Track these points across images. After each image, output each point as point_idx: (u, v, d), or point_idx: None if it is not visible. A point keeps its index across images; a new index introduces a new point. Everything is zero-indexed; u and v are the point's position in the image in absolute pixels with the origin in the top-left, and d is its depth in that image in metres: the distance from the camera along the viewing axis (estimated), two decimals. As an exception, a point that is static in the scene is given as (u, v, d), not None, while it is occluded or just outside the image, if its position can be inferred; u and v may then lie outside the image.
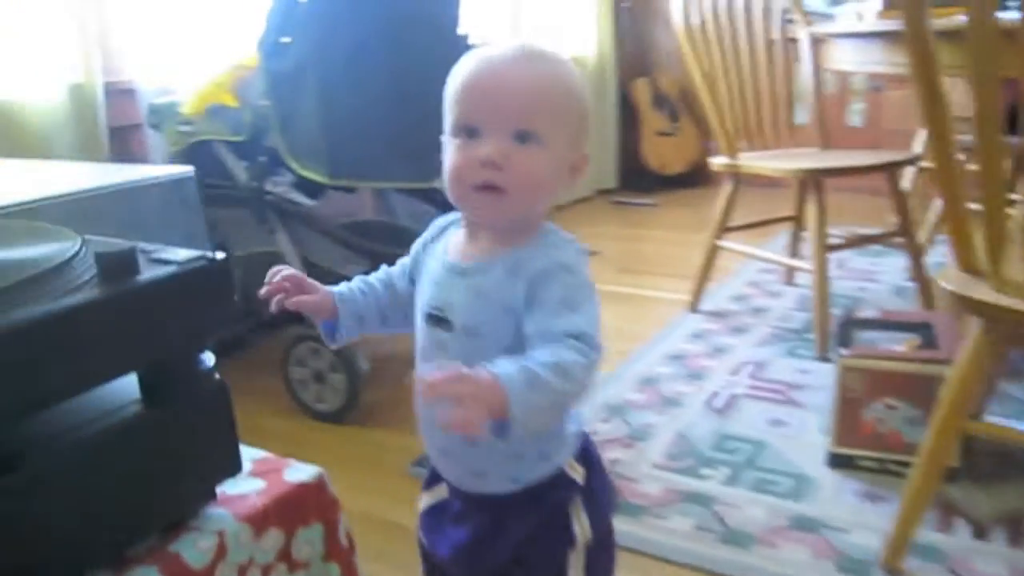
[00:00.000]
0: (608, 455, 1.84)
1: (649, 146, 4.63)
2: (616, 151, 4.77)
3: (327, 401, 2.08)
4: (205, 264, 0.73)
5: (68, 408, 0.73)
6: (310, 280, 0.92)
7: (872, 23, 2.13)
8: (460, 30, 2.22)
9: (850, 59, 2.05)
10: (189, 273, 0.73)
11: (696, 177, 4.54)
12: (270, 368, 2.21)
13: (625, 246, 3.79)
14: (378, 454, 1.91)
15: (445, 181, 0.87)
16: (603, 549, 0.96)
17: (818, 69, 2.57)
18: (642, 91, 4.62)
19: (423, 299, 0.91)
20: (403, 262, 0.99)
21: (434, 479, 1.01)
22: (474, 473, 0.91)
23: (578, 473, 0.93)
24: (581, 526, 0.92)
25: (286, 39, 1.92)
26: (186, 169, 0.83)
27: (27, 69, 2.08)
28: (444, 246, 0.92)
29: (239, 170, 2.10)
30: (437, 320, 0.88)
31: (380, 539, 1.59)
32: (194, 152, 2.19)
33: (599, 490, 0.95)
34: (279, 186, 2.08)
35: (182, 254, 0.74)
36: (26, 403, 0.64)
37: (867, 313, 1.94)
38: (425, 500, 1.02)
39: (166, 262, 0.73)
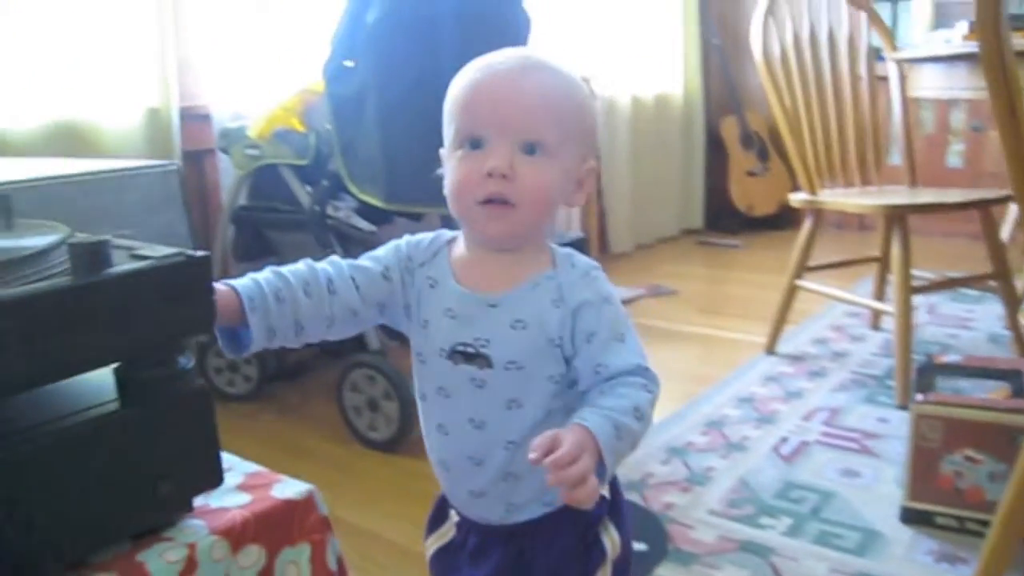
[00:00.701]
0: (663, 499, 1.75)
1: (737, 186, 4.51)
2: (703, 191, 4.66)
3: (379, 430, 2.05)
4: (183, 260, 0.70)
5: (41, 404, 0.70)
6: None
7: (956, 45, 2.00)
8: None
9: (935, 85, 1.94)
10: (166, 268, 0.70)
11: (785, 219, 4.38)
12: (328, 394, 2.20)
13: (706, 287, 3.68)
14: (424, 486, 1.84)
15: (448, 196, 0.83)
16: (626, 562, 0.92)
17: (906, 100, 2.45)
18: (731, 129, 4.52)
19: (439, 335, 0.84)
20: (363, 267, 0.87)
21: (438, 520, 0.96)
22: (509, 507, 0.87)
23: (604, 488, 0.89)
24: (611, 541, 0.89)
25: (350, 63, 1.93)
26: (171, 163, 0.81)
27: (106, 92, 2.15)
28: (448, 273, 0.85)
29: (302, 194, 2.11)
30: (469, 357, 0.82)
31: (414, 573, 1.53)
32: (260, 175, 2.22)
33: (622, 502, 0.93)
34: (340, 211, 2.08)
35: (161, 250, 0.71)
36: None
37: (950, 358, 1.80)
38: (433, 543, 0.98)
39: (144, 258, 0.70)
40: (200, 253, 0.71)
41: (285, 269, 0.84)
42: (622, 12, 3.99)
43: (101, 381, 0.74)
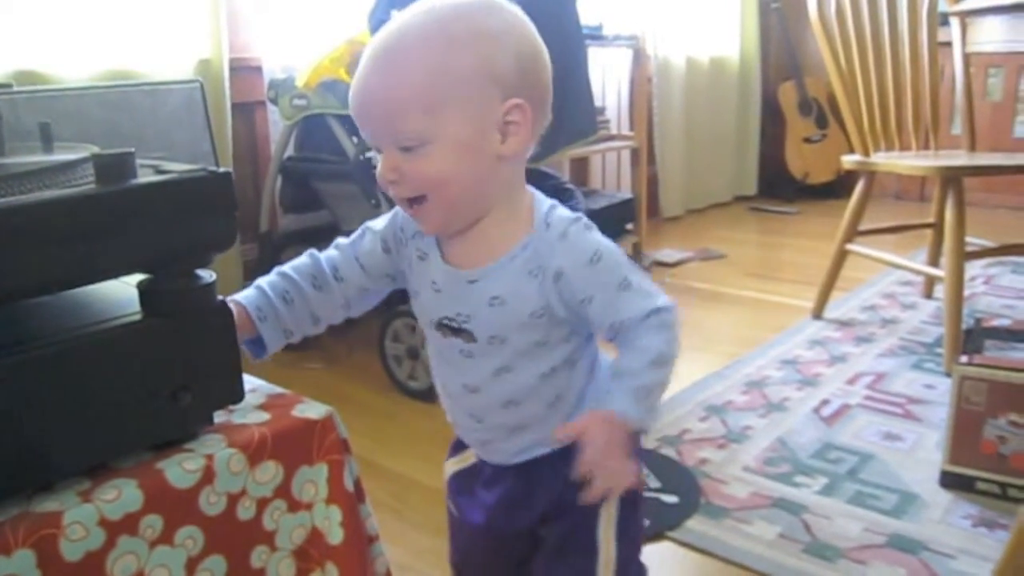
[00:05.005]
0: (698, 454, 1.74)
1: (793, 153, 4.43)
2: (758, 157, 4.58)
3: (419, 379, 2.07)
4: (205, 176, 0.71)
5: (66, 313, 0.73)
6: None
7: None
8: (581, 21, 2.20)
9: (997, 38, 1.86)
10: (188, 182, 0.71)
11: (843, 187, 4.26)
12: (373, 346, 2.22)
13: (756, 252, 3.63)
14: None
15: None
16: (636, 508, 0.93)
17: (967, 58, 2.36)
18: (788, 95, 4.43)
19: (427, 307, 0.85)
20: (366, 245, 0.89)
21: (460, 446, 0.99)
22: (516, 452, 0.90)
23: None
24: None
25: (396, 12, 1.92)
26: (194, 80, 0.83)
27: (159, 42, 2.18)
28: (435, 246, 0.84)
29: (348, 144, 2.12)
30: (454, 331, 0.83)
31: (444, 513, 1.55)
32: (307, 127, 2.24)
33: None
34: (385, 161, 2.09)
35: (184, 166, 0.72)
36: (16, 286, 0.64)
37: (999, 322, 1.75)
38: (452, 466, 1.00)
39: (167, 172, 0.71)
40: (222, 169, 0.72)
41: (289, 267, 0.87)
42: (678, -30, 3.92)
43: (125, 295, 0.76)
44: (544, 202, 0.83)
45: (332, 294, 0.88)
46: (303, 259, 0.89)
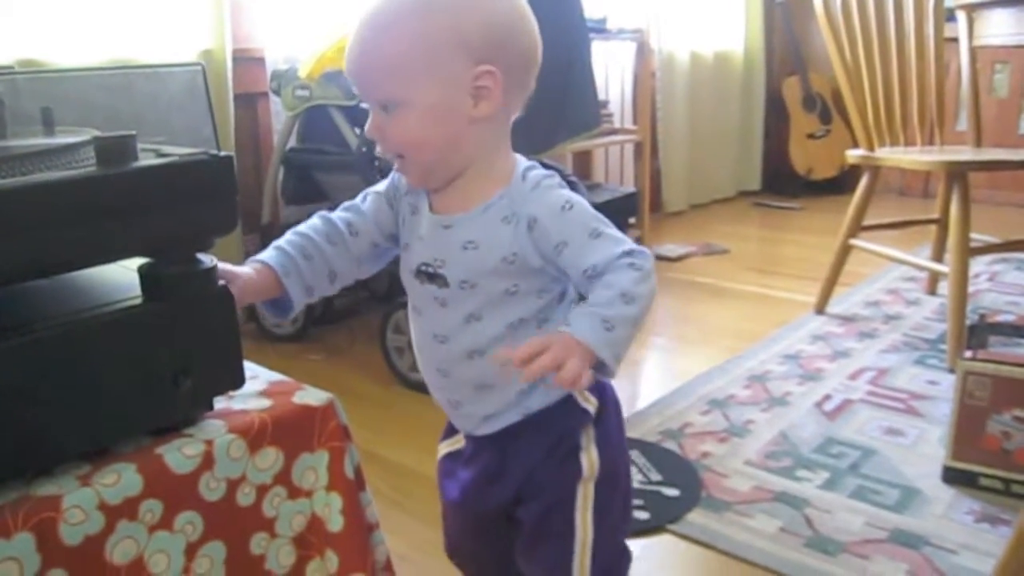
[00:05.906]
0: (699, 448, 1.74)
1: (797, 148, 4.41)
2: (761, 152, 4.57)
3: (419, 370, 2.06)
4: (207, 159, 0.71)
5: (67, 297, 0.72)
6: (227, 267, 0.81)
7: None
8: (585, 14, 2.18)
9: (1003, 31, 1.85)
10: (189, 166, 0.71)
11: (846, 183, 4.27)
12: (373, 337, 2.22)
13: (758, 247, 3.62)
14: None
15: None
16: (615, 490, 0.93)
17: (973, 52, 2.35)
18: (792, 90, 4.41)
19: (412, 256, 0.88)
20: (373, 203, 0.92)
21: (453, 429, 1.00)
22: (485, 417, 0.91)
23: (591, 404, 0.91)
24: (589, 458, 0.91)
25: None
26: (196, 63, 0.82)
27: (162, 32, 2.17)
28: (424, 199, 0.88)
29: (351, 135, 2.11)
30: (430, 276, 0.86)
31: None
32: (310, 118, 2.23)
33: (612, 427, 0.94)
34: (388, 152, 2.09)
35: (186, 150, 0.72)
36: (15, 268, 0.64)
37: (1004, 317, 1.75)
38: (444, 448, 1.02)
39: (168, 155, 0.71)
40: (223, 153, 0.72)
41: (304, 227, 0.90)
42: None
43: (126, 279, 0.75)
44: (524, 163, 0.86)
45: (348, 250, 0.90)
46: (315, 220, 0.91)
